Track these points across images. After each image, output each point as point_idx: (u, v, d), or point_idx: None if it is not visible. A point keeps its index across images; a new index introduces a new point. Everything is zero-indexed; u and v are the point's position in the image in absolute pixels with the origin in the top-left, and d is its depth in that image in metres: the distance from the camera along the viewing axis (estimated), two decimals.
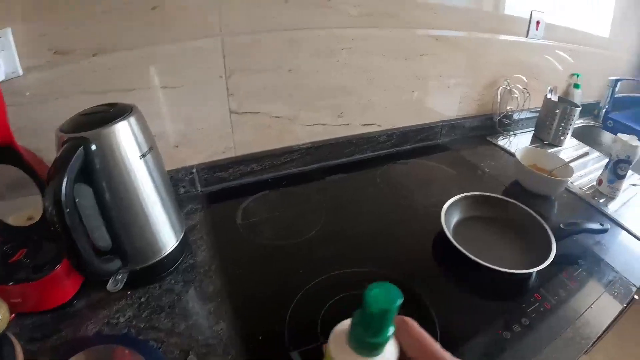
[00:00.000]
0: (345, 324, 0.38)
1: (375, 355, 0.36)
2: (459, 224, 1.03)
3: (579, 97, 1.88)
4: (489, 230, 1.03)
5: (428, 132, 1.43)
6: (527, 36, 1.60)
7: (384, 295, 0.34)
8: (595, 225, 1.07)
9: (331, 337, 0.38)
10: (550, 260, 0.85)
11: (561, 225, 1.02)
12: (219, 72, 0.95)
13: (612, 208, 1.29)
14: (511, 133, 1.68)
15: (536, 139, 1.68)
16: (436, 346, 0.37)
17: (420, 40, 1.24)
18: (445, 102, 1.45)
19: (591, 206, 1.29)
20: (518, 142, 1.63)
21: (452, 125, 1.49)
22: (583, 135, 1.94)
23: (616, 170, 1.32)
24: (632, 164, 1.31)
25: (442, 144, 1.47)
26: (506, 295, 0.84)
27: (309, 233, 0.92)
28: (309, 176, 1.16)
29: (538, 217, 1.01)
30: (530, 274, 0.85)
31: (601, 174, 1.37)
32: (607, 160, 1.35)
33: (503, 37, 1.52)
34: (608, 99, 2.00)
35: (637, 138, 1.30)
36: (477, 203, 1.07)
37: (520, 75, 1.56)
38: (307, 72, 1.06)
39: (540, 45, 1.70)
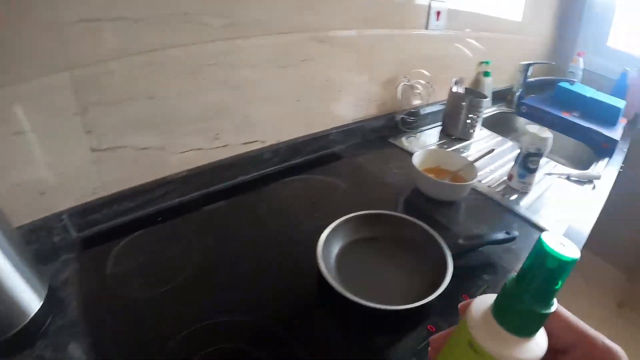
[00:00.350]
0: (485, 299, 0.36)
1: (531, 335, 0.33)
2: (345, 250, 1.04)
3: (489, 85, 2.04)
4: (379, 254, 1.05)
5: (321, 142, 1.53)
6: (427, 28, 1.69)
7: (560, 246, 0.30)
8: (501, 235, 1.11)
9: (470, 315, 0.35)
10: (444, 288, 0.87)
11: (460, 241, 1.06)
12: (72, 109, 0.98)
13: (524, 204, 1.39)
14: (418, 131, 1.83)
15: (444, 134, 1.79)
16: (591, 328, 0.34)
17: (300, 45, 1.33)
18: (338, 107, 1.57)
19: (501, 206, 1.38)
20: (426, 140, 1.78)
21: (348, 131, 1.61)
22: (497, 123, 2.11)
23: (527, 164, 1.41)
24: (543, 156, 1.40)
25: (337, 152, 1.58)
26: (394, 332, 0.86)
27: (178, 279, 0.96)
28: (186, 208, 1.21)
29: (434, 234, 1.03)
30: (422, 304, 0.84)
31: (511, 168, 1.48)
32: (517, 153, 1.44)
33: (400, 31, 1.66)
34: (520, 84, 2.15)
35: (547, 129, 1.39)
36: (364, 223, 1.09)
37: (422, 70, 1.68)
38: (171, 96, 1.11)
39: (445, 36, 1.88)
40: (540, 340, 0.33)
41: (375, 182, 1.44)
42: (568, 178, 1.62)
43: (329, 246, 1.00)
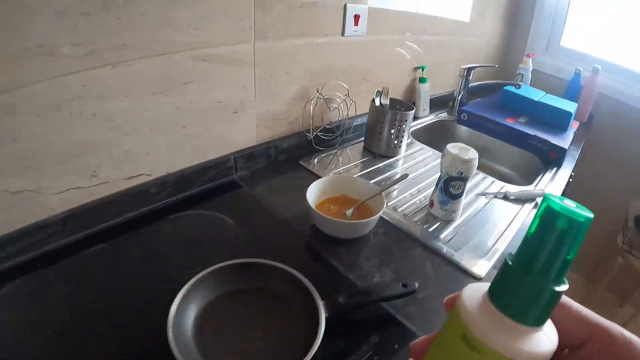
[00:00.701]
0: (477, 286, 0.32)
1: (540, 323, 0.28)
2: (207, 309, 0.92)
3: (426, 92, 1.92)
4: (247, 312, 0.94)
5: (217, 169, 1.49)
6: (343, 35, 1.51)
7: (571, 207, 0.27)
8: (396, 289, 0.96)
9: (461, 303, 0.30)
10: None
11: (340, 300, 0.92)
12: None
13: (446, 236, 1.28)
14: (337, 148, 1.80)
15: (367, 151, 1.64)
16: (605, 319, 0.31)
17: (179, 67, 1.27)
18: (236, 130, 1.52)
19: (416, 241, 1.25)
20: (345, 159, 1.71)
21: (249, 155, 1.57)
22: (435, 134, 2.02)
23: (448, 190, 1.30)
24: (469, 180, 1.29)
25: (237, 180, 1.54)
26: None
27: (37, 339, 0.89)
28: (66, 252, 1.16)
29: (310, 289, 0.92)
30: None
31: (432, 193, 1.39)
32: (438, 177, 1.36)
33: (308, 40, 1.61)
34: (461, 90, 1.99)
35: (472, 148, 1.27)
36: (232, 275, 0.97)
37: (339, 82, 1.54)
38: (36, 136, 1.09)
39: (368, 42, 1.82)
40: (550, 333, 0.29)
41: (271, 216, 1.37)
42: (505, 197, 1.45)
43: (186, 305, 0.89)
